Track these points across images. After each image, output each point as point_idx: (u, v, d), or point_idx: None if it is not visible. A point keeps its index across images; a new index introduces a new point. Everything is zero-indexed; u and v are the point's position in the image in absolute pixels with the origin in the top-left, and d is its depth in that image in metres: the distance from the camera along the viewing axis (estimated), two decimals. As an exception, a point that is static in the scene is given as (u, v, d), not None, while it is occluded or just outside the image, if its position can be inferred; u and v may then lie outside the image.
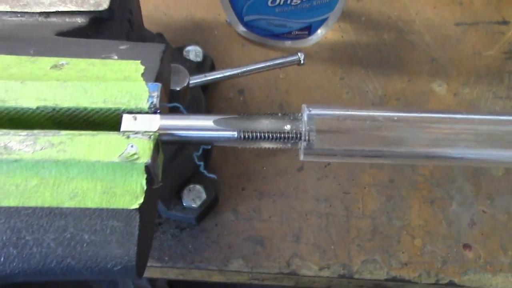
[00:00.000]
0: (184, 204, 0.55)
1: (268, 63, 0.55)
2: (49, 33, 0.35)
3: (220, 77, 0.54)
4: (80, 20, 0.35)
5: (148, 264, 0.55)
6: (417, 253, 0.57)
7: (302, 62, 0.56)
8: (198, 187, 0.55)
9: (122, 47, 0.31)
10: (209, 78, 0.54)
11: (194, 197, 0.55)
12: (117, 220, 0.26)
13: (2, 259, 0.26)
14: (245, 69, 0.55)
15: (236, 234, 0.57)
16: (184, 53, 0.62)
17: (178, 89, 0.51)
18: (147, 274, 0.58)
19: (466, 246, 0.57)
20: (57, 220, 0.26)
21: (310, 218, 0.58)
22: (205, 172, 0.49)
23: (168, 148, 0.52)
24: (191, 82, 0.52)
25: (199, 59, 0.62)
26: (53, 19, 0.36)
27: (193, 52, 0.63)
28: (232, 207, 0.58)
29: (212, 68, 0.64)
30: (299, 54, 0.55)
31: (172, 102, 0.53)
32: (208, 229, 0.57)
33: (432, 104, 0.65)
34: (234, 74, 0.54)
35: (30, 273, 0.26)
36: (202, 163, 0.40)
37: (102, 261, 0.26)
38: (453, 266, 0.56)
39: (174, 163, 0.53)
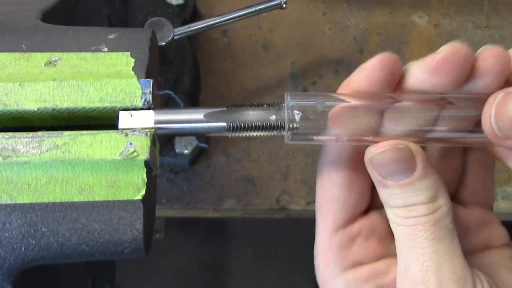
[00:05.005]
0: (177, 151, 0.58)
1: (250, 9, 0.56)
2: (34, 15, 0.35)
3: (203, 27, 0.55)
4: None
5: (147, 207, 0.59)
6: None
7: (284, 6, 0.56)
8: (189, 133, 0.58)
9: (110, 36, 0.32)
10: (192, 29, 0.54)
11: (186, 143, 0.58)
12: (123, 210, 0.29)
13: (23, 249, 0.29)
14: (227, 17, 0.55)
15: (228, 175, 0.61)
16: (166, -5, 0.62)
17: (163, 44, 0.52)
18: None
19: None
20: (69, 213, 0.29)
21: (297, 156, 0.61)
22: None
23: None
24: (175, 34, 0.53)
25: (181, 1, 0.62)
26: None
27: (174, -6, 0.62)
28: (222, 149, 0.61)
29: (195, 10, 0.64)
30: (281, -2, 0.56)
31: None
32: (201, 171, 0.61)
33: (412, 36, 0.66)
34: (217, 23, 0.55)
35: (49, 258, 0.30)
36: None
37: (113, 246, 0.29)
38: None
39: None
